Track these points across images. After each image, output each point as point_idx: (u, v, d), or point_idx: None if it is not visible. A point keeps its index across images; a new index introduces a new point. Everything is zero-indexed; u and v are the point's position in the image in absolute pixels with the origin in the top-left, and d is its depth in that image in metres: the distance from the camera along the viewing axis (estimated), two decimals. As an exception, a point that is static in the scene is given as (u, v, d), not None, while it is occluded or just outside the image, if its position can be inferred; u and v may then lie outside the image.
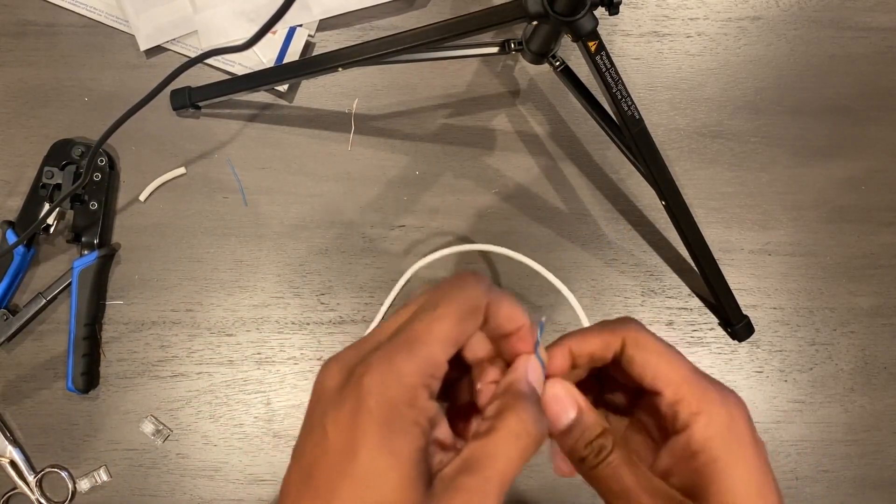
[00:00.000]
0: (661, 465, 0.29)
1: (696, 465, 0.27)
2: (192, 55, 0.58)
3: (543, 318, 0.31)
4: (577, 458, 0.29)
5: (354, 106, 0.61)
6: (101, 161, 0.58)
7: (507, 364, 0.30)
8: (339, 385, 0.25)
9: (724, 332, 0.60)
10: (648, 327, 0.30)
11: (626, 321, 0.30)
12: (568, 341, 0.31)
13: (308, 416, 0.26)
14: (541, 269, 0.57)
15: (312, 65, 0.56)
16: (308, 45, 0.62)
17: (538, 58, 0.55)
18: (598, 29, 0.46)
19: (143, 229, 0.60)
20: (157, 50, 0.61)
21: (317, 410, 0.26)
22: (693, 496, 0.28)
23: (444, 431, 0.27)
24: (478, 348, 0.30)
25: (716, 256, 0.57)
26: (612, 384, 0.33)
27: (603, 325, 0.30)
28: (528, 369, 0.28)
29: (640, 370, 0.29)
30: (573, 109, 0.62)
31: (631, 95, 0.49)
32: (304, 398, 0.58)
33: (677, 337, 0.59)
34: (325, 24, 0.62)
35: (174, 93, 0.59)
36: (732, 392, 0.29)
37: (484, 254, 0.60)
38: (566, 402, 0.30)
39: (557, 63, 0.55)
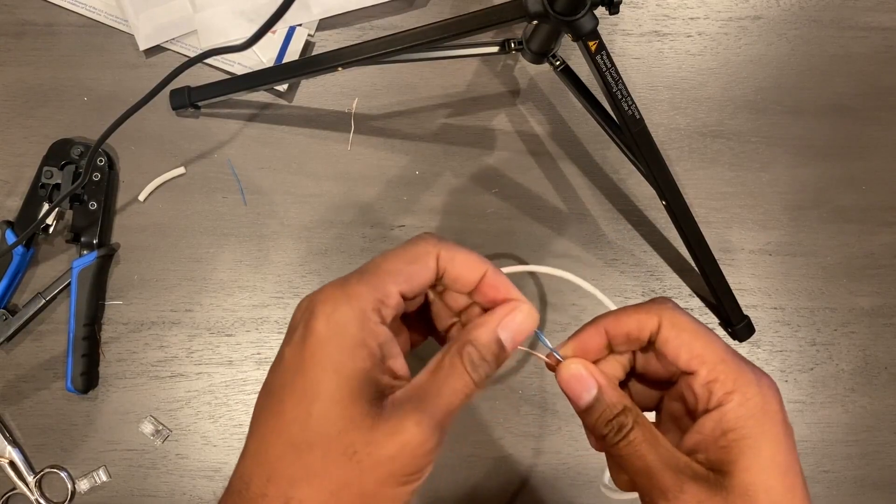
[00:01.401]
0: (688, 442, 0.29)
1: (725, 443, 0.28)
2: (192, 55, 0.58)
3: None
4: (598, 435, 0.30)
5: (354, 106, 0.61)
6: (101, 161, 0.58)
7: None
8: (300, 317, 0.28)
9: (724, 333, 0.59)
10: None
11: (662, 301, 0.31)
12: (603, 321, 0.31)
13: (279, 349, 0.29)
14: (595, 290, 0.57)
15: (312, 64, 0.56)
16: (308, 45, 0.62)
17: (538, 57, 0.55)
18: (598, 28, 0.46)
19: (143, 229, 0.60)
20: (157, 50, 0.61)
21: (283, 342, 0.28)
22: (719, 472, 0.28)
23: (399, 364, 0.28)
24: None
25: (716, 256, 0.57)
26: (641, 373, 0.33)
27: (638, 306, 0.31)
28: (503, 321, 0.29)
29: (676, 350, 0.29)
30: (573, 109, 0.62)
31: (631, 95, 0.49)
32: (304, 398, 0.58)
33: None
34: (324, 24, 0.62)
35: (174, 92, 0.59)
36: (766, 374, 0.29)
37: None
38: (587, 381, 0.30)
39: (557, 63, 0.55)
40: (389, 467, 0.25)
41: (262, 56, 0.61)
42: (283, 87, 0.61)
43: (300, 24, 0.61)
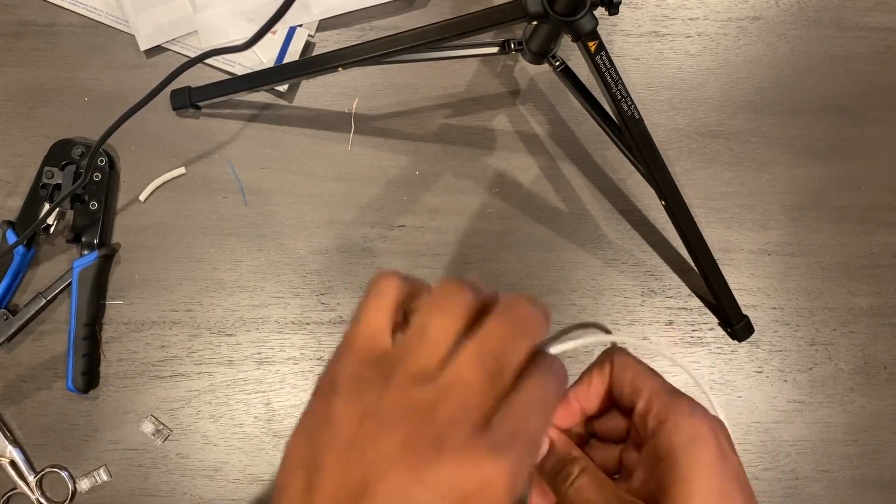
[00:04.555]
0: (636, 479, 0.31)
1: (660, 471, 0.29)
2: (192, 55, 0.58)
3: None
4: (550, 483, 0.33)
5: (354, 106, 0.61)
6: (101, 161, 0.58)
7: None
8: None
9: (723, 332, 0.59)
10: (648, 327, 0.32)
11: (610, 350, 0.34)
12: (570, 392, 0.34)
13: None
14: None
15: (312, 65, 0.56)
16: (308, 45, 0.62)
17: (538, 58, 0.55)
18: (597, 29, 0.46)
19: (143, 229, 0.60)
20: (157, 50, 0.61)
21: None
22: (660, 502, 0.29)
23: None
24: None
25: (716, 256, 0.57)
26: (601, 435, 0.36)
27: (591, 365, 0.34)
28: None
29: (620, 387, 0.33)
30: (573, 109, 0.62)
31: (631, 95, 0.49)
32: (304, 398, 0.58)
33: (677, 337, 0.59)
34: (325, 24, 0.62)
35: (174, 93, 0.59)
36: (704, 409, 0.31)
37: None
38: None
39: (557, 63, 0.55)
40: None
41: (263, 56, 0.61)
42: (283, 88, 0.61)
43: (300, 25, 0.61)
